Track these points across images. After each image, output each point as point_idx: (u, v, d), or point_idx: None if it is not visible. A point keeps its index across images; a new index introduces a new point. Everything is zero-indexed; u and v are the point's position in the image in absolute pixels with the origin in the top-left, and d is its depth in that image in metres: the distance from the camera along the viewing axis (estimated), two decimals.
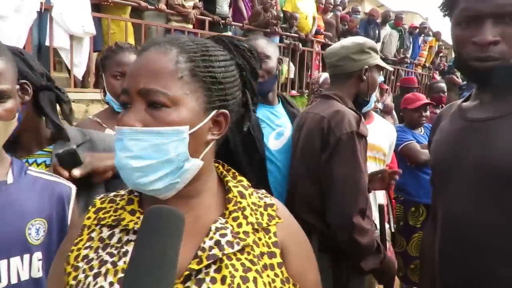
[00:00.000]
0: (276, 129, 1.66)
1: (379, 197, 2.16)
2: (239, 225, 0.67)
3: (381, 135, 2.18)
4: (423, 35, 8.83)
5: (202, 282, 0.60)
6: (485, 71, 0.88)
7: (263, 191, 0.78)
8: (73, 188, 0.96)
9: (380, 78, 2.37)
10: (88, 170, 1.05)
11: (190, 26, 4.92)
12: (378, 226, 1.73)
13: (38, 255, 0.85)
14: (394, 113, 4.19)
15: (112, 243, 0.65)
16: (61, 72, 4.49)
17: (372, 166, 2.07)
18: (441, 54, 10.43)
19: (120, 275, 0.60)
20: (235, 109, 0.70)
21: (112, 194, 0.74)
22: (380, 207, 1.52)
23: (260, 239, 0.68)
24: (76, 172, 1.02)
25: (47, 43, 3.77)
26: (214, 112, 0.65)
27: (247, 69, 0.71)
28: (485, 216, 0.89)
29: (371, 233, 1.31)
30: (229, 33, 5.34)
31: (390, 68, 1.70)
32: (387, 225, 2.23)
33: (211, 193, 0.70)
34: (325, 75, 2.42)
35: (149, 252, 0.52)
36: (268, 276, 0.65)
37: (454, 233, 0.97)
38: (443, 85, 3.85)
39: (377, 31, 7.64)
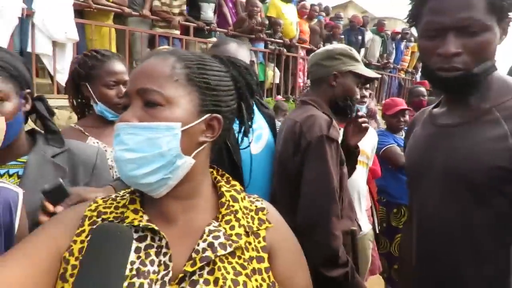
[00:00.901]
0: (255, 131, 1.61)
1: (362, 199, 2.21)
2: (232, 228, 0.69)
3: (364, 139, 2.23)
4: (405, 40, 9.02)
5: (196, 284, 0.63)
6: (449, 80, 0.92)
7: (256, 195, 0.80)
8: (20, 193, 0.91)
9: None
10: (74, 202, 0.99)
11: (176, 32, 4.91)
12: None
13: None
14: (378, 117, 4.26)
15: None
16: (44, 78, 4.43)
17: (357, 169, 2.11)
18: None
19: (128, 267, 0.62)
20: (229, 117, 0.74)
21: (113, 195, 0.76)
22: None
23: (250, 243, 0.70)
24: (59, 209, 0.95)
25: (29, 49, 3.72)
26: (207, 115, 0.69)
27: (242, 82, 0.76)
28: (452, 216, 0.94)
29: (340, 240, 1.30)
30: (214, 39, 5.37)
31: (369, 74, 1.59)
32: (370, 227, 2.28)
33: (205, 196, 0.73)
34: None
35: (94, 270, 0.55)
36: (256, 280, 0.68)
37: (427, 232, 1.02)
38: (422, 89, 3.95)
39: (360, 37, 7.79)
